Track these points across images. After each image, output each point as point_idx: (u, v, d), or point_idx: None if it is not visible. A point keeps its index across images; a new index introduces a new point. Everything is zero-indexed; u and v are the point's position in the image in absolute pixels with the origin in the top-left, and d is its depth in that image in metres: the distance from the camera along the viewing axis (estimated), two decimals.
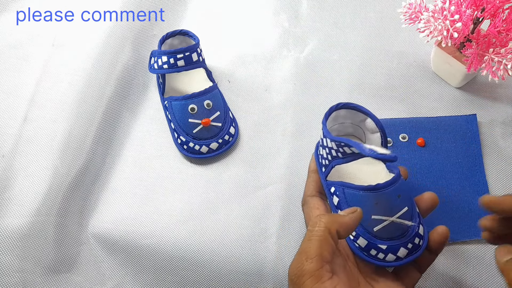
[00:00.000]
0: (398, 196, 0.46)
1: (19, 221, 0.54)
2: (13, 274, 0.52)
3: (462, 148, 0.61)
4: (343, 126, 0.56)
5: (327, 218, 0.42)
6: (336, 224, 0.42)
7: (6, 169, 0.58)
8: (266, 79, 0.69)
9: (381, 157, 0.43)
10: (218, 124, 0.62)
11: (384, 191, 0.46)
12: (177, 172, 0.61)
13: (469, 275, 0.54)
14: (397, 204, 0.46)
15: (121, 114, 0.66)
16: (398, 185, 0.46)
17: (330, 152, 0.49)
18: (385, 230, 0.46)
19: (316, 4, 0.76)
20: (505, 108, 0.65)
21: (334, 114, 0.53)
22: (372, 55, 0.70)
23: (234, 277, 0.55)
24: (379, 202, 0.46)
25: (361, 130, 0.56)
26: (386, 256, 0.46)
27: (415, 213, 0.47)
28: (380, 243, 0.46)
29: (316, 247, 0.40)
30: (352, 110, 0.53)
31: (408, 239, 0.45)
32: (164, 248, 0.56)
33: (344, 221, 0.42)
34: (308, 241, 0.41)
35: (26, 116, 0.62)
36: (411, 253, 0.46)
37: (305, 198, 0.53)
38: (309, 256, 0.39)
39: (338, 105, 0.52)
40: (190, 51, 0.61)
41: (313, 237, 0.41)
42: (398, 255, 0.45)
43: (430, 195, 0.48)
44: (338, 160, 0.49)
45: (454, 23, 0.55)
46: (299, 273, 0.39)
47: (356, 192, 0.46)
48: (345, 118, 0.55)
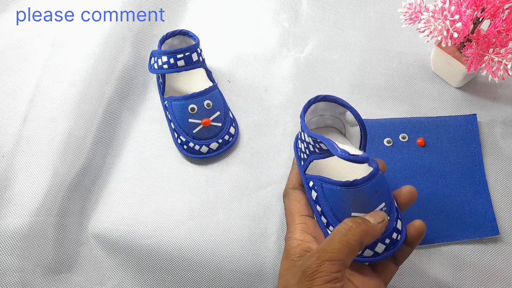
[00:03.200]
0: (376, 192, 0.46)
1: (19, 221, 0.54)
2: (13, 274, 0.52)
3: (462, 148, 0.61)
4: (323, 118, 0.56)
5: (362, 229, 0.42)
6: (369, 237, 0.42)
7: (6, 169, 0.58)
8: (266, 79, 0.69)
9: (352, 158, 0.43)
10: (218, 124, 0.62)
11: (361, 186, 0.45)
12: (177, 172, 0.61)
13: (469, 274, 0.54)
14: (375, 200, 0.46)
15: (121, 114, 0.66)
16: (375, 180, 0.46)
17: (308, 147, 0.49)
18: None
19: (316, 4, 0.76)
20: (505, 108, 0.65)
21: (313, 106, 0.52)
22: (372, 55, 0.70)
23: (234, 277, 0.55)
24: (356, 198, 0.45)
25: (341, 122, 0.55)
26: (364, 252, 0.45)
27: (393, 208, 0.47)
28: None
29: (344, 254, 0.40)
30: (331, 103, 0.52)
31: (385, 234, 0.45)
32: (164, 248, 0.56)
33: (376, 233, 0.43)
34: (338, 243, 0.41)
35: (26, 116, 0.62)
36: (388, 248, 0.45)
37: (287, 189, 0.52)
38: (333, 258, 0.40)
39: (317, 97, 0.51)
40: (190, 51, 0.61)
41: (343, 241, 0.41)
42: (375, 250, 0.45)
43: (409, 188, 0.48)
44: (316, 155, 0.48)
45: (454, 23, 0.55)
46: (317, 267, 0.40)
47: (334, 187, 0.46)
48: (325, 110, 0.54)
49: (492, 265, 0.55)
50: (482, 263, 0.55)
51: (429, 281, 0.54)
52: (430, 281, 0.54)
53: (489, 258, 0.55)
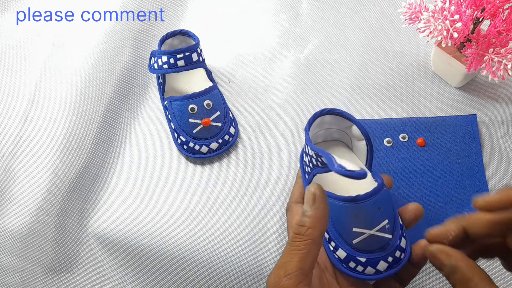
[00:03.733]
0: (379, 208, 0.44)
1: (19, 221, 0.54)
2: (13, 274, 0.52)
3: (462, 148, 0.61)
4: (329, 132, 0.55)
5: (308, 228, 0.39)
6: (318, 229, 0.39)
7: (6, 169, 0.58)
8: (266, 79, 0.69)
9: (348, 174, 0.40)
10: (218, 124, 0.62)
11: (364, 202, 0.44)
12: (177, 172, 0.61)
13: None
14: (378, 216, 0.44)
15: (121, 114, 0.66)
16: (379, 196, 0.45)
17: (311, 160, 0.48)
18: (364, 242, 0.45)
19: (316, 4, 0.76)
20: (505, 108, 0.65)
21: (319, 119, 0.51)
22: (372, 55, 0.70)
23: (234, 277, 0.55)
24: (358, 214, 0.44)
25: (348, 136, 0.54)
26: (365, 269, 0.44)
27: (397, 226, 0.45)
28: (360, 256, 0.44)
29: (296, 262, 0.38)
30: (337, 116, 0.51)
31: (388, 252, 0.44)
32: (164, 248, 0.56)
33: (320, 220, 0.39)
34: (289, 254, 0.39)
35: (26, 116, 0.62)
36: (391, 266, 0.44)
37: (289, 204, 0.52)
38: (288, 272, 0.38)
39: (323, 111, 0.50)
40: (190, 51, 0.61)
41: (294, 250, 0.39)
42: (377, 268, 0.44)
43: (415, 206, 0.47)
44: (318, 169, 0.48)
45: (454, 23, 0.55)
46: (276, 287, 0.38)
47: (336, 202, 0.45)
48: (331, 124, 0.54)
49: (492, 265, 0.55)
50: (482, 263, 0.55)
51: (429, 281, 0.54)
52: (430, 281, 0.54)
53: None
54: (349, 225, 0.45)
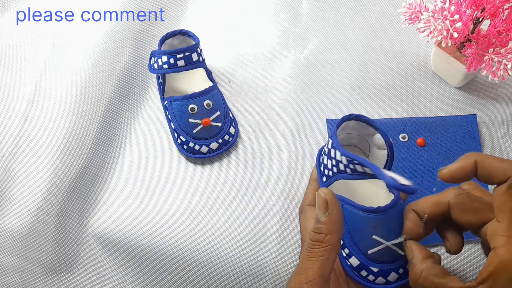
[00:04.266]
0: (397, 221, 0.45)
1: (19, 221, 0.54)
2: (13, 274, 0.52)
3: (462, 148, 0.61)
4: (348, 136, 0.55)
5: (326, 232, 0.39)
6: (335, 234, 0.40)
7: (6, 169, 0.58)
8: (266, 79, 0.69)
9: (402, 188, 0.39)
10: (218, 124, 0.62)
11: (385, 214, 0.45)
12: (177, 172, 0.61)
13: (469, 274, 0.54)
14: (395, 229, 0.45)
15: (121, 114, 0.66)
16: (397, 208, 0.45)
17: (337, 165, 0.47)
18: (379, 253, 0.45)
19: (316, 4, 0.76)
20: (505, 108, 0.65)
21: (344, 124, 0.51)
22: (372, 55, 0.70)
23: (234, 277, 0.55)
24: (378, 225, 0.45)
25: (367, 143, 0.54)
26: (376, 279, 0.45)
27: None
28: (372, 265, 0.45)
29: (317, 268, 0.38)
30: (362, 123, 0.51)
31: (400, 264, 0.45)
32: (164, 248, 0.56)
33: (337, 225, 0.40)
34: (308, 261, 0.39)
35: (26, 116, 0.62)
36: (401, 278, 0.45)
37: (303, 206, 0.51)
38: (309, 278, 0.38)
39: (351, 116, 0.50)
40: (190, 51, 0.61)
41: (314, 257, 0.39)
42: (388, 279, 0.45)
43: None
44: (344, 175, 0.47)
45: (454, 23, 0.55)
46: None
47: (356, 211, 0.45)
48: (354, 129, 0.54)
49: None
50: (482, 263, 0.55)
51: None
52: None
53: None
54: (367, 235, 0.45)
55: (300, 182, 0.60)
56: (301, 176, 0.60)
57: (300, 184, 0.60)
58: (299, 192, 0.59)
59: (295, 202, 0.59)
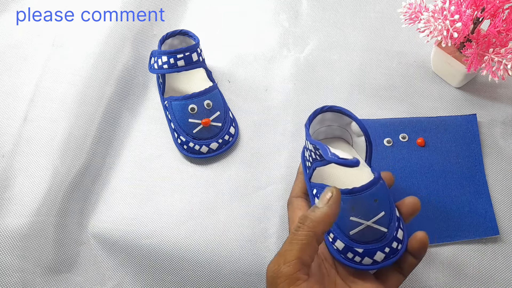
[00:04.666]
0: (375, 201, 0.46)
1: (19, 221, 0.54)
2: (13, 274, 0.52)
3: (462, 148, 0.61)
4: (330, 129, 0.56)
5: (311, 221, 0.41)
6: (321, 224, 0.41)
7: (6, 169, 0.58)
8: (266, 79, 0.69)
9: (341, 162, 0.43)
10: (218, 124, 0.62)
11: (360, 195, 0.45)
12: (177, 172, 0.61)
13: (469, 274, 0.54)
14: (374, 208, 0.46)
15: (121, 114, 0.66)
16: (375, 189, 0.46)
17: (311, 155, 0.50)
18: (361, 234, 0.46)
19: (316, 4, 0.76)
20: (505, 108, 0.65)
21: (320, 116, 0.53)
22: (372, 55, 0.70)
23: (234, 277, 0.55)
24: (355, 206, 0.46)
25: (348, 133, 0.56)
26: (363, 260, 0.46)
27: (394, 218, 0.46)
28: (357, 247, 0.46)
29: (296, 251, 0.40)
30: (337, 113, 0.53)
31: (385, 243, 0.45)
32: (164, 248, 0.56)
33: (325, 214, 0.41)
34: (289, 244, 0.41)
35: (26, 116, 0.62)
36: (388, 257, 0.46)
37: (290, 198, 0.53)
38: (287, 260, 0.40)
39: (323, 108, 0.52)
40: (190, 51, 0.61)
41: (294, 240, 0.41)
42: (374, 258, 0.45)
43: (412, 199, 0.48)
44: (318, 163, 0.49)
45: (454, 23, 0.55)
46: (275, 274, 0.40)
47: None
48: (332, 121, 0.55)
49: (492, 265, 0.55)
50: (482, 263, 0.55)
51: (429, 281, 0.54)
52: (430, 281, 0.54)
53: (489, 258, 0.55)
54: (347, 216, 0.46)
55: None
56: None
57: None
58: None
59: None
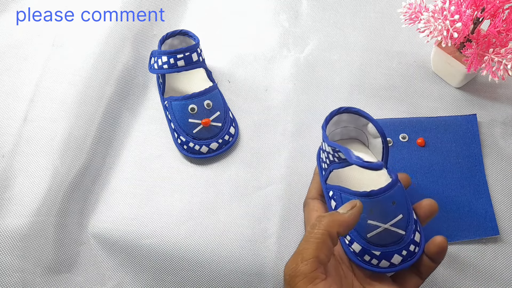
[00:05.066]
0: (393, 203, 0.46)
1: (19, 221, 0.54)
2: (13, 274, 0.52)
3: (462, 148, 0.61)
4: (346, 130, 0.56)
5: (327, 220, 0.42)
6: (336, 225, 0.42)
7: (6, 169, 0.58)
8: (266, 79, 0.69)
9: (366, 165, 0.43)
10: (218, 124, 0.62)
11: (378, 197, 0.45)
12: (177, 172, 0.61)
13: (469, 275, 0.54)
14: (392, 211, 0.46)
15: (121, 114, 0.66)
16: (393, 192, 0.46)
17: (328, 157, 0.50)
18: (379, 236, 0.46)
19: (316, 4, 0.76)
20: (505, 108, 0.65)
21: (336, 117, 0.53)
22: (372, 55, 0.70)
23: (234, 277, 0.55)
24: (373, 208, 0.46)
25: (364, 134, 0.55)
26: (380, 262, 0.46)
27: (411, 220, 0.46)
28: (374, 249, 0.46)
29: (313, 249, 0.40)
30: (354, 115, 0.53)
31: (402, 246, 0.45)
32: (164, 248, 0.56)
33: (344, 220, 0.42)
34: (305, 242, 0.41)
35: (26, 116, 0.62)
36: (405, 260, 0.46)
37: (306, 200, 0.53)
38: (305, 258, 0.40)
39: (340, 109, 0.52)
40: (190, 51, 0.61)
41: (311, 239, 0.41)
42: (392, 261, 0.45)
43: (429, 202, 0.48)
44: (335, 165, 0.49)
45: (454, 23, 0.55)
46: (293, 273, 0.40)
47: (351, 197, 0.46)
48: (348, 122, 0.55)
49: (492, 265, 0.55)
50: (482, 263, 0.55)
51: (428, 281, 0.54)
52: (430, 281, 0.54)
53: (489, 258, 0.55)
54: (364, 219, 0.46)
55: (300, 182, 0.60)
56: (301, 176, 0.60)
57: (300, 184, 0.60)
58: (299, 192, 0.59)
59: (295, 202, 0.59)
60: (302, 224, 0.57)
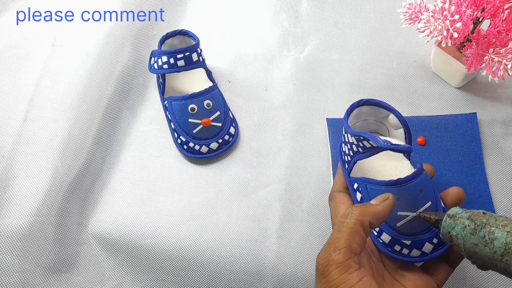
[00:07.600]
0: (421, 191, 0.45)
1: (19, 221, 0.54)
2: (13, 274, 0.52)
3: (462, 147, 0.61)
4: (366, 123, 0.56)
5: (360, 210, 0.41)
6: (369, 215, 0.41)
7: (6, 169, 0.58)
8: (266, 79, 0.69)
9: (394, 147, 0.43)
10: (218, 124, 0.62)
11: (406, 185, 0.45)
12: (177, 172, 0.61)
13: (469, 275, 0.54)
14: (420, 198, 0.45)
15: (121, 114, 0.66)
16: (419, 179, 0.45)
17: (352, 148, 0.49)
18: (409, 225, 0.45)
19: (316, 4, 0.76)
20: (505, 108, 0.65)
21: (356, 111, 0.52)
22: (372, 55, 0.70)
23: (234, 277, 0.55)
24: (401, 197, 0.45)
25: (385, 126, 0.55)
26: (411, 252, 0.45)
27: (439, 208, 0.46)
28: (404, 239, 0.45)
29: (345, 238, 0.40)
30: (374, 107, 0.52)
31: (433, 234, 0.45)
32: (164, 248, 0.56)
33: (376, 210, 0.42)
34: (338, 232, 0.40)
35: (26, 116, 0.62)
36: (436, 248, 0.45)
37: (332, 193, 0.52)
38: (338, 247, 0.39)
39: (360, 101, 0.51)
40: (190, 51, 0.61)
41: (343, 228, 0.40)
42: (423, 250, 0.45)
43: (456, 189, 0.48)
44: (359, 155, 0.48)
45: (454, 23, 0.55)
46: (326, 262, 0.39)
47: (378, 187, 0.46)
48: (368, 115, 0.54)
49: None
50: None
51: None
52: None
53: None
54: (393, 210, 0.45)
55: (300, 182, 0.60)
56: (301, 176, 0.60)
57: (300, 184, 0.60)
58: (299, 192, 0.59)
59: (295, 202, 0.59)
60: (302, 224, 0.57)
